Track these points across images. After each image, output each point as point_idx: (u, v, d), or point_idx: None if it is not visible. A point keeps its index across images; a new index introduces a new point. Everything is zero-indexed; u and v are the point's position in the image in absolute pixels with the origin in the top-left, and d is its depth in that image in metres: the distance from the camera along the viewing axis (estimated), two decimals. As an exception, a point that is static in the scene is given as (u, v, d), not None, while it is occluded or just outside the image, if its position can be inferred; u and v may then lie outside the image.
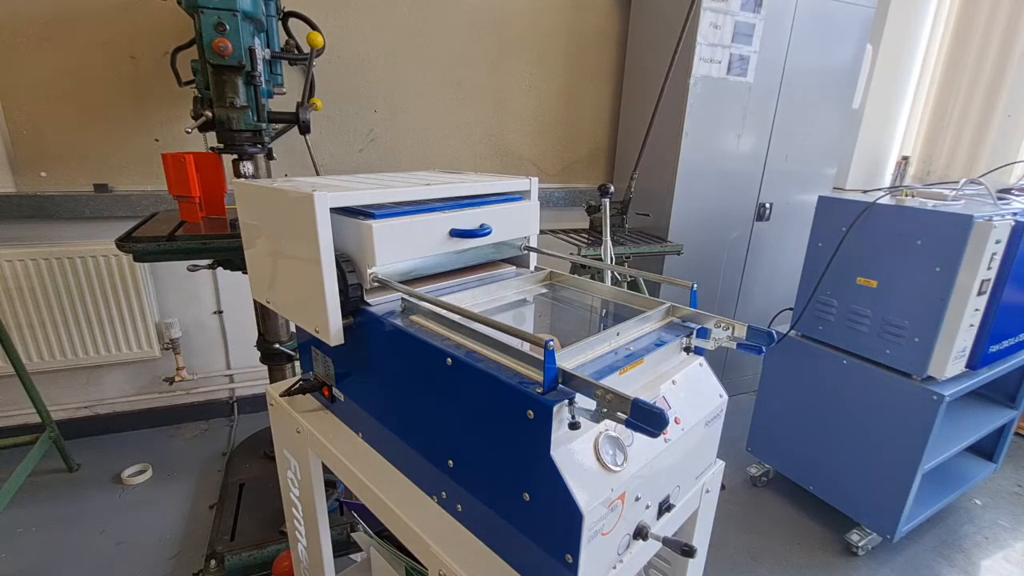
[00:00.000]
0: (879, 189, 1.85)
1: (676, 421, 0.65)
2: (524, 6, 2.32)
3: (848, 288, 1.66)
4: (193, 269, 1.69)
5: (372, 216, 0.74)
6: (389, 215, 0.75)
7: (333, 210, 0.71)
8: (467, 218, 0.84)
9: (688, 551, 0.60)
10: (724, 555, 1.69)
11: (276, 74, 1.72)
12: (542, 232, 1.62)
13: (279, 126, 1.70)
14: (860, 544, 1.69)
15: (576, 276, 0.91)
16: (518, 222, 0.92)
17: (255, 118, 1.41)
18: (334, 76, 2.10)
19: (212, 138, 1.46)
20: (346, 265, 0.74)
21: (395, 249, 0.76)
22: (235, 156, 1.46)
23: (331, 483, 1.28)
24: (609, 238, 1.65)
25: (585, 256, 1.77)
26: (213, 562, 1.43)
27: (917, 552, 1.74)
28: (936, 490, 1.79)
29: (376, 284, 0.75)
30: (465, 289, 0.82)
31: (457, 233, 0.83)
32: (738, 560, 1.69)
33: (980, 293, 1.43)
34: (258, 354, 1.71)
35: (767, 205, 2.45)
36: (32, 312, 1.92)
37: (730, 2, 2.07)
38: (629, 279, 1.91)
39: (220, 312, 2.23)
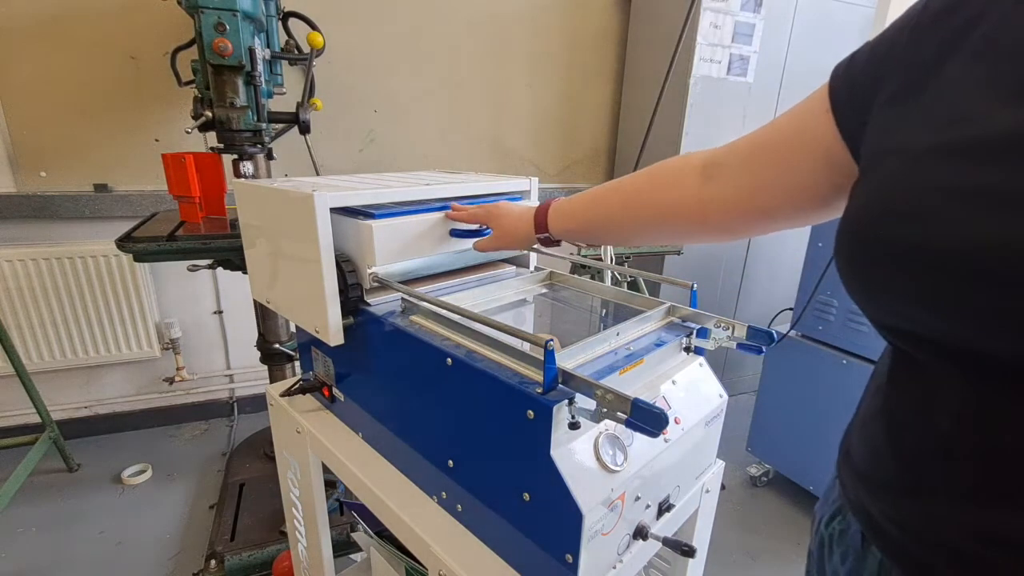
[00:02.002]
0: (879, 189, 1.85)
1: (676, 421, 0.65)
2: (524, 6, 2.32)
3: (848, 288, 1.66)
4: (193, 269, 1.69)
5: (372, 216, 0.74)
6: (389, 215, 0.75)
7: (333, 210, 0.71)
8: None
9: (688, 551, 0.60)
10: (724, 555, 1.69)
11: (276, 74, 1.72)
12: (542, 232, 1.61)
13: (279, 126, 1.70)
14: (860, 544, 1.68)
15: (576, 276, 0.91)
16: (518, 222, 0.92)
17: (255, 118, 1.41)
18: (334, 76, 2.10)
19: (212, 138, 1.46)
20: (346, 265, 0.74)
21: (395, 249, 0.76)
22: (235, 156, 1.46)
23: (331, 483, 1.28)
24: (609, 238, 1.64)
25: (585, 256, 1.77)
26: (213, 562, 1.43)
27: (917, 552, 1.74)
28: (936, 490, 1.79)
29: (376, 284, 0.75)
30: (465, 289, 0.82)
31: (457, 233, 0.83)
32: (738, 560, 1.69)
33: (980, 293, 1.43)
34: (258, 354, 1.71)
35: (767, 205, 2.45)
36: (32, 312, 1.92)
37: (730, 2, 2.07)
38: (629, 279, 1.91)
39: (220, 312, 2.23)
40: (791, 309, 1.88)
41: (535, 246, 0.80)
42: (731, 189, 0.56)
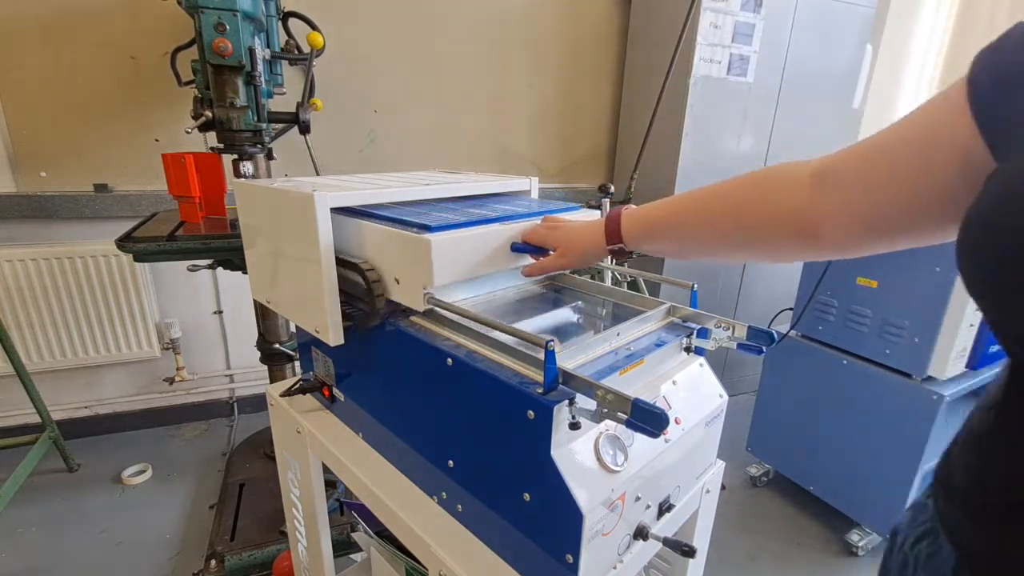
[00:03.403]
0: (879, 189, 1.85)
1: (676, 421, 0.65)
2: (524, 6, 2.32)
3: (848, 288, 1.66)
4: (193, 269, 1.69)
5: (427, 229, 0.66)
6: (446, 228, 0.67)
7: (362, 214, 0.69)
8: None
9: (688, 551, 0.60)
10: (724, 555, 1.69)
11: (276, 74, 1.72)
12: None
13: (279, 126, 1.70)
14: (860, 544, 1.69)
15: (576, 276, 0.91)
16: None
17: (255, 118, 1.41)
18: (334, 76, 2.10)
19: (212, 138, 1.46)
20: (371, 274, 0.70)
21: (453, 267, 0.67)
22: (235, 156, 1.46)
23: (331, 483, 1.28)
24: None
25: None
26: (213, 562, 1.43)
27: (917, 552, 1.74)
28: (936, 490, 1.79)
29: (430, 306, 0.66)
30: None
31: (519, 248, 0.74)
32: (738, 560, 1.69)
33: (980, 293, 1.43)
34: (258, 354, 1.71)
35: (767, 205, 2.45)
36: (32, 312, 1.92)
37: (730, 2, 2.07)
38: (629, 279, 1.91)
39: (220, 312, 2.23)
40: (791, 309, 1.88)
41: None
42: (848, 200, 0.50)
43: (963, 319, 1.43)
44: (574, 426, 0.52)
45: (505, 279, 0.82)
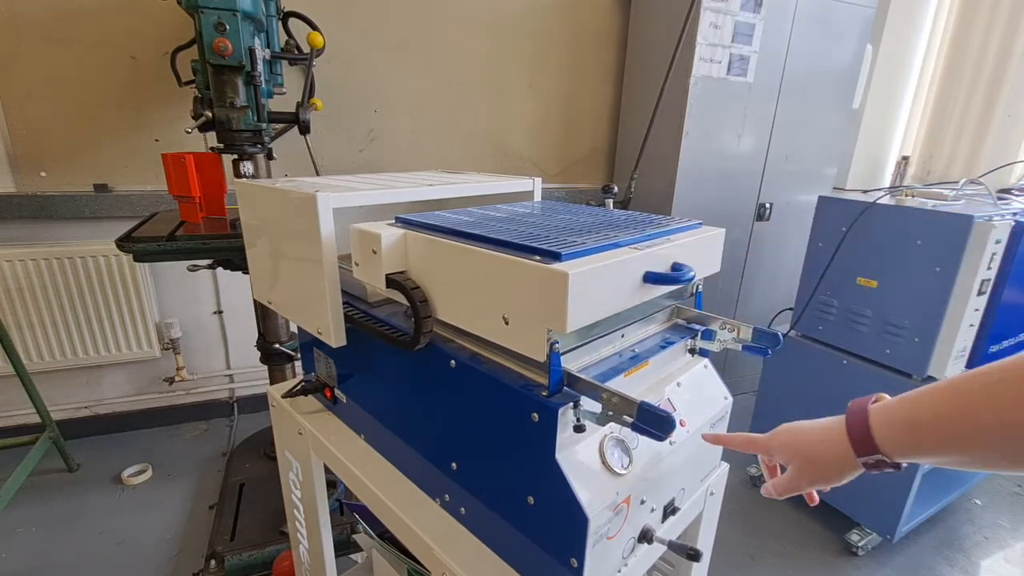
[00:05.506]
0: (879, 189, 1.85)
1: (681, 423, 0.65)
2: (524, 6, 2.31)
3: (848, 288, 1.66)
4: (193, 269, 1.69)
5: (556, 257, 0.51)
6: (580, 254, 0.53)
7: (423, 227, 0.63)
8: (660, 257, 0.60)
9: (694, 555, 0.60)
10: (724, 555, 1.69)
11: (276, 74, 1.71)
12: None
13: (279, 126, 1.70)
14: (860, 544, 1.69)
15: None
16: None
17: (255, 118, 1.41)
18: (334, 76, 2.10)
19: (212, 138, 1.46)
20: (416, 293, 0.62)
21: (588, 305, 0.52)
22: (235, 156, 1.45)
23: (331, 483, 1.27)
24: (610, 238, 1.64)
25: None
26: (213, 562, 1.43)
27: (917, 552, 1.74)
28: (936, 490, 1.80)
29: (554, 351, 0.52)
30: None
31: (655, 278, 0.58)
32: (738, 560, 1.69)
33: (980, 293, 1.43)
34: (258, 354, 1.71)
35: (767, 205, 2.45)
36: (32, 312, 1.91)
37: (730, 2, 2.06)
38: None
39: (220, 312, 2.23)
40: (791, 309, 1.88)
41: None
42: None
43: (963, 319, 1.44)
44: (579, 429, 0.52)
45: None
